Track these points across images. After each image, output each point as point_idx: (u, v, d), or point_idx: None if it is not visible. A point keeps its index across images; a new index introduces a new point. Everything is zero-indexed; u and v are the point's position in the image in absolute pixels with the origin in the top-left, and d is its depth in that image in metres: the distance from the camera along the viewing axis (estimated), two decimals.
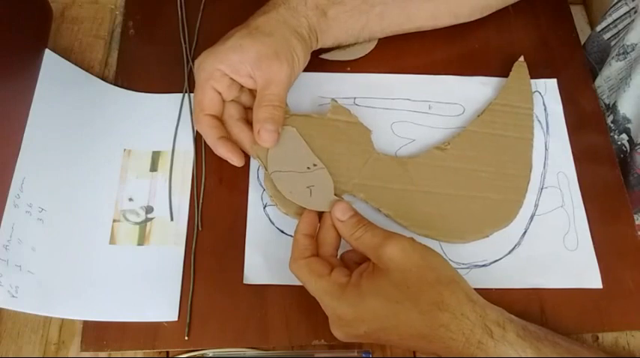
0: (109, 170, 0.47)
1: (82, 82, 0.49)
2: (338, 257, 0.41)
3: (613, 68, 0.52)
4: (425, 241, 0.39)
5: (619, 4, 0.53)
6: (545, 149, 0.50)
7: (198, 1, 0.55)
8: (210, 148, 0.47)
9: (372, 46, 0.54)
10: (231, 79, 0.45)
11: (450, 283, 0.36)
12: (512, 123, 0.49)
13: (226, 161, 0.47)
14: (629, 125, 0.50)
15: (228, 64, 0.44)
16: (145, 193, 0.46)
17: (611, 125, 0.52)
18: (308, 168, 0.44)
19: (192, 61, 0.52)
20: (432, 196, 0.46)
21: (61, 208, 0.44)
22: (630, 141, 0.50)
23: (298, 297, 0.42)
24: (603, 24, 0.55)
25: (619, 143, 0.51)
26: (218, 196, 0.47)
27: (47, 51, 0.47)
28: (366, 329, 0.36)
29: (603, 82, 0.53)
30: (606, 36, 0.55)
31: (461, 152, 0.48)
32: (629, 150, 0.50)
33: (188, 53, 0.52)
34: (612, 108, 0.51)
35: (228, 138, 0.45)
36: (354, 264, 0.40)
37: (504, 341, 0.35)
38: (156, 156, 0.48)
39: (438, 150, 0.47)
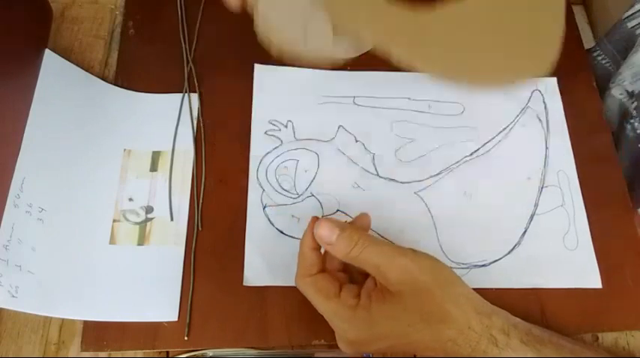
0: (109, 170, 0.47)
1: (82, 82, 0.49)
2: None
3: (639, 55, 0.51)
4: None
5: None
6: (546, 147, 0.50)
7: (198, 1, 0.55)
8: (210, 148, 0.47)
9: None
10: None
11: (457, 298, 0.36)
12: None
13: (226, 161, 0.47)
14: None
15: None
16: (145, 193, 0.46)
17: (633, 112, 0.51)
18: (305, 7, 0.39)
19: (192, 61, 0.52)
20: (455, 40, 0.41)
21: (61, 208, 0.44)
22: None
23: (298, 297, 0.42)
24: (630, 11, 0.54)
25: (638, 132, 0.50)
26: (218, 196, 0.47)
27: (47, 51, 0.47)
28: (376, 348, 0.37)
29: (627, 69, 0.52)
30: (631, 24, 0.54)
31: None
32: None
33: (188, 53, 0.52)
34: (637, 95, 0.51)
35: None
36: (358, 274, 0.40)
37: (508, 348, 0.35)
38: (156, 156, 0.48)
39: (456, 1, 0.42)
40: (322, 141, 0.49)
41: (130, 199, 0.46)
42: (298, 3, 0.39)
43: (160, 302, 0.42)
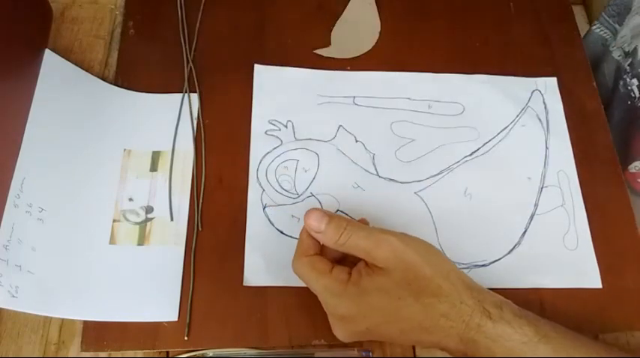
0: (109, 170, 0.47)
1: (82, 82, 0.49)
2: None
3: None
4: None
5: None
6: (546, 147, 0.50)
7: (198, 1, 0.55)
8: (210, 148, 0.47)
9: (370, 44, 0.54)
10: None
11: (448, 274, 0.36)
12: None
13: (226, 161, 0.47)
14: None
15: None
16: (145, 193, 0.46)
17: (627, 68, 0.53)
18: None
19: (192, 61, 0.52)
20: None
21: (61, 208, 0.44)
22: None
23: (298, 297, 0.42)
24: None
25: (629, 88, 0.52)
26: (218, 196, 0.47)
27: (47, 51, 0.47)
28: (368, 325, 0.36)
29: (628, 31, 0.54)
30: None
31: None
32: (637, 96, 0.51)
33: (188, 53, 0.52)
34: (632, 53, 0.53)
35: None
36: (349, 263, 0.40)
37: (502, 320, 0.35)
38: (156, 156, 0.48)
39: None
40: (322, 141, 0.49)
41: (130, 199, 0.46)
42: None
43: (160, 302, 0.42)
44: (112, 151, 0.48)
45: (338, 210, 0.46)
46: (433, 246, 0.38)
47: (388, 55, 0.54)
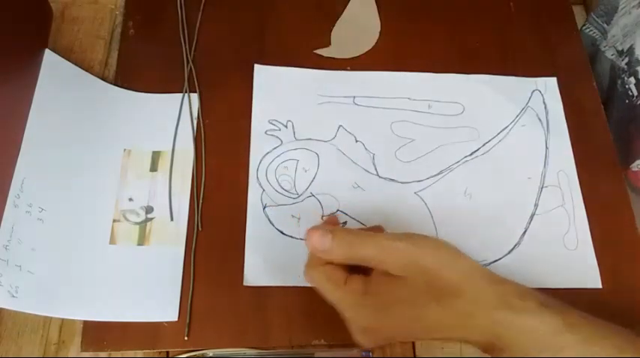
0: (109, 170, 0.47)
1: (82, 82, 0.49)
2: None
3: (632, 16, 0.53)
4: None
5: None
6: (546, 147, 0.50)
7: (198, 1, 0.55)
8: (210, 148, 0.47)
9: (370, 44, 0.54)
10: None
11: (464, 271, 0.35)
12: None
13: (226, 161, 0.47)
14: (638, 67, 0.51)
15: None
16: (145, 193, 0.46)
17: (625, 67, 0.53)
18: None
19: (192, 61, 0.52)
20: None
21: (61, 208, 0.44)
22: (637, 84, 0.51)
23: (298, 297, 0.42)
24: None
25: (626, 86, 0.52)
26: (218, 196, 0.47)
27: (47, 51, 0.47)
28: (394, 334, 0.36)
29: (619, 30, 0.55)
30: None
31: None
32: (635, 95, 0.51)
33: (188, 53, 0.52)
34: (628, 52, 0.53)
35: None
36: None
37: (525, 311, 0.34)
38: (156, 156, 0.48)
39: None
40: (322, 141, 0.49)
41: (130, 199, 0.46)
42: None
43: (159, 302, 0.42)
44: (112, 151, 0.48)
45: (338, 210, 0.46)
46: (446, 243, 0.36)
47: (388, 55, 0.54)
